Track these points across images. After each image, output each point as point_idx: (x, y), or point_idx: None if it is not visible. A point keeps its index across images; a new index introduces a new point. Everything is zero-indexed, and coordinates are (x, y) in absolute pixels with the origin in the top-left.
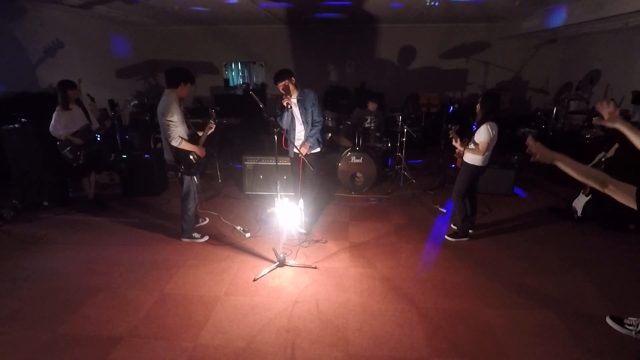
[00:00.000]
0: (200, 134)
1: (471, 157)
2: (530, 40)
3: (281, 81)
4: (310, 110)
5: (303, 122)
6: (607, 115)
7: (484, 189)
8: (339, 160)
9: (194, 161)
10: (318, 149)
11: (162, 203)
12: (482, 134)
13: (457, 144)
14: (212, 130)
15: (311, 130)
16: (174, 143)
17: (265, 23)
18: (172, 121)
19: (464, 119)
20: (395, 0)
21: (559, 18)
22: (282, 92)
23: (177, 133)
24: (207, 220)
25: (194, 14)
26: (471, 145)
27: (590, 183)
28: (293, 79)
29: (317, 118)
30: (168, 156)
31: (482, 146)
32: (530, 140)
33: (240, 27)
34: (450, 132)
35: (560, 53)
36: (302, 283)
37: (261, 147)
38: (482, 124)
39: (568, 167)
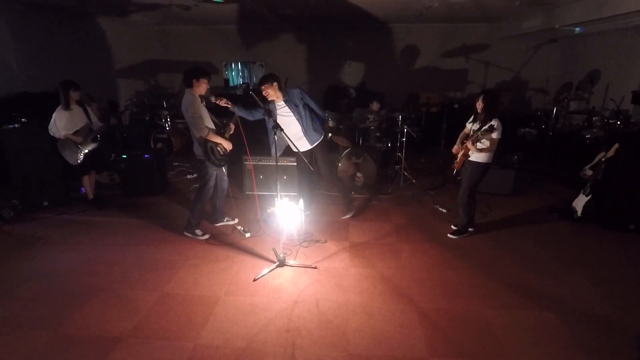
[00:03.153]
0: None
1: (480, 156)
2: (530, 40)
3: (262, 85)
4: (301, 105)
5: (298, 119)
6: None
7: (484, 189)
8: (339, 160)
9: (222, 153)
10: (319, 139)
11: (162, 203)
12: (494, 132)
13: (469, 146)
14: (232, 132)
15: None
16: (202, 134)
17: (265, 23)
18: (194, 114)
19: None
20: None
21: None
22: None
23: (203, 125)
24: (237, 220)
25: (195, 13)
26: (479, 145)
27: None
28: (275, 83)
29: (315, 109)
30: (197, 150)
31: (493, 143)
32: None
33: (240, 27)
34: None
35: (560, 53)
36: (302, 283)
37: (261, 147)
38: (488, 122)
39: None
